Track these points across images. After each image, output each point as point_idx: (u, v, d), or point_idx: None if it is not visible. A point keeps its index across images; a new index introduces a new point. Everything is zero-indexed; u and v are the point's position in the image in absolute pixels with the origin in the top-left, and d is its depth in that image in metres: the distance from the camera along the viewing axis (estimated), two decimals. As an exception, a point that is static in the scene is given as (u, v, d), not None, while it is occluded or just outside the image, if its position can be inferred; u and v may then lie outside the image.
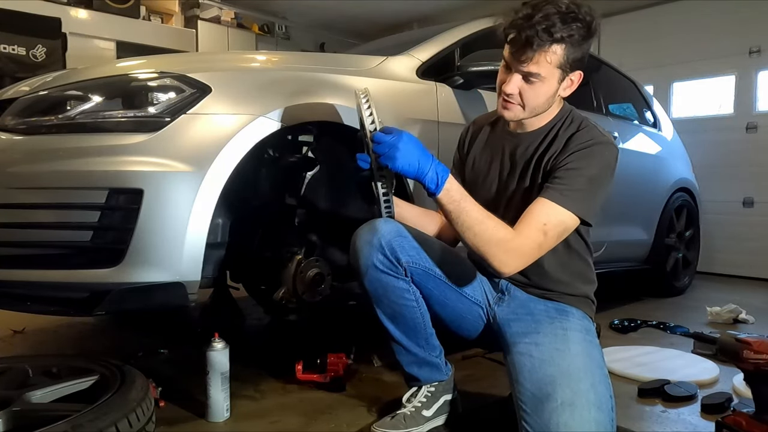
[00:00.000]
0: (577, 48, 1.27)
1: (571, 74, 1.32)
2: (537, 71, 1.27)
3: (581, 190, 1.27)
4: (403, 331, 1.43)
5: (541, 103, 1.34)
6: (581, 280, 1.47)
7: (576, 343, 1.29)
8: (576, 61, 1.29)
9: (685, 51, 4.77)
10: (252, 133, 1.55)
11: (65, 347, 2.38)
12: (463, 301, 1.45)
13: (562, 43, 1.25)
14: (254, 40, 6.27)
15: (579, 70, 1.32)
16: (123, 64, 1.71)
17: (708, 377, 1.97)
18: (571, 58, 1.27)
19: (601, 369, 1.26)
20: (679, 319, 2.89)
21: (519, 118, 1.38)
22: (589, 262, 1.50)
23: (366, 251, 1.33)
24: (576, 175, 1.28)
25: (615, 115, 3.32)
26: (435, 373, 1.50)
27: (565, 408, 1.13)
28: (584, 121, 1.39)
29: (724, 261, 4.57)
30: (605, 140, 1.34)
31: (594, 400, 1.15)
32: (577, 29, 1.25)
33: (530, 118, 1.39)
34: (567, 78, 1.32)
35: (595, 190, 1.29)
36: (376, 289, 1.38)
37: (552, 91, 1.32)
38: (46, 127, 1.49)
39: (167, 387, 1.66)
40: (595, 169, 1.29)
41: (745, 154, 4.48)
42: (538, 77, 1.28)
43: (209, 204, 1.47)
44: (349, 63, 1.97)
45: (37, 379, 1.36)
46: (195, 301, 1.51)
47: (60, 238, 1.44)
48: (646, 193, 3.34)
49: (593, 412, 1.13)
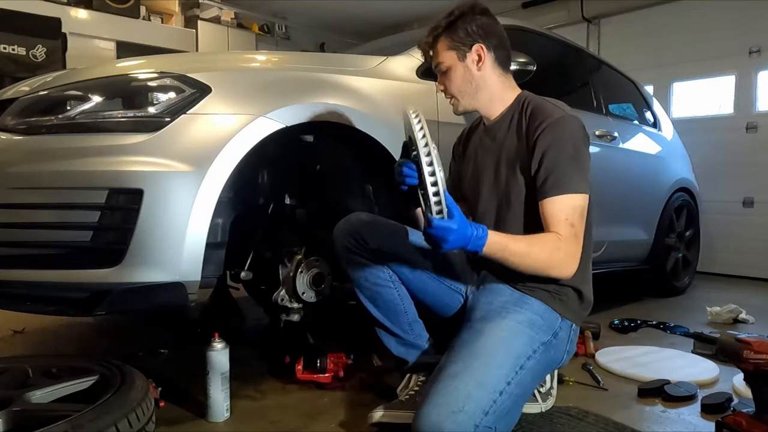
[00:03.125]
0: (456, 29, 1.46)
1: (470, 50, 1.46)
2: (440, 61, 1.50)
3: (569, 172, 1.34)
4: (385, 313, 1.57)
5: (461, 84, 1.49)
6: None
7: (502, 329, 1.32)
8: (464, 38, 1.46)
9: (685, 51, 4.77)
10: (252, 133, 1.55)
11: (65, 347, 2.38)
12: (442, 288, 1.55)
13: (441, 33, 1.48)
14: (254, 40, 6.27)
15: (475, 44, 1.46)
16: (123, 64, 1.71)
17: (708, 377, 1.97)
18: (456, 38, 1.46)
19: (512, 357, 1.27)
20: (679, 319, 2.89)
21: (464, 108, 1.53)
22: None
23: (339, 237, 1.54)
24: (557, 163, 1.35)
25: (615, 115, 3.32)
26: (423, 357, 1.57)
27: (447, 378, 1.21)
28: (537, 104, 1.45)
29: (724, 261, 4.57)
30: (561, 115, 1.39)
31: (479, 378, 1.20)
32: (447, 17, 1.48)
33: (474, 104, 1.51)
34: (467, 54, 1.46)
35: (579, 163, 1.36)
36: (354, 272, 1.55)
37: (462, 72, 1.48)
38: (46, 127, 1.49)
39: (167, 387, 1.66)
40: (569, 146, 1.36)
41: (745, 154, 4.48)
42: (444, 66, 1.49)
43: (209, 204, 1.47)
44: (349, 63, 1.97)
45: (37, 379, 1.36)
46: (195, 301, 1.51)
47: (60, 238, 1.44)
48: (646, 193, 3.34)
49: (470, 387, 1.18)
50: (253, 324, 2.66)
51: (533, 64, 2.07)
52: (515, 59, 2.04)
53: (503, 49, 1.50)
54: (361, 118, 1.80)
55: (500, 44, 1.49)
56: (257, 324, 2.67)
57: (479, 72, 1.47)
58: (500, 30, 1.51)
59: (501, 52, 1.50)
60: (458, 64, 1.48)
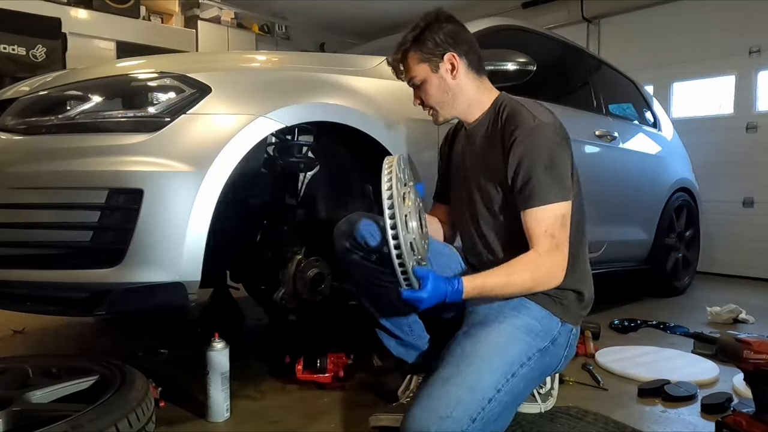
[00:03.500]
0: (425, 41, 1.44)
1: (441, 60, 1.44)
2: (412, 75, 1.48)
3: (545, 182, 1.32)
4: (384, 313, 1.56)
5: (438, 95, 1.47)
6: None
7: (497, 334, 1.32)
8: (433, 49, 1.44)
9: (685, 51, 4.77)
10: (252, 133, 1.55)
11: (65, 347, 2.38)
12: None
13: (410, 47, 1.46)
14: (254, 40, 6.27)
15: (446, 53, 1.44)
16: (123, 64, 1.71)
17: (708, 377, 1.97)
18: (425, 50, 1.44)
19: (505, 364, 1.27)
20: (679, 319, 2.89)
21: (444, 118, 1.52)
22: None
23: (339, 237, 1.52)
24: (531, 173, 1.33)
25: (615, 115, 3.32)
26: (422, 357, 1.57)
27: (439, 381, 1.23)
28: (512, 109, 1.43)
29: (724, 261, 4.57)
30: (535, 123, 1.36)
31: (470, 383, 1.21)
32: (413, 30, 1.46)
33: (453, 112, 1.50)
34: (440, 64, 1.44)
35: (555, 172, 1.33)
36: (354, 272, 1.53)
37: (438, 83, 1.46)
38: (46, 127, 1.49)
39: (167, 387, 1.66)
40: (544, 155, 1.33)
41: (745, 154, 4.47)
42: (418, 80, 1.47)
43: (209, 204, 1.47)
44: (348, 63, 1.97)
45: (37, 379, 1.36)
46: (195, 301, 1.51)
47: (60, 238, 1.44)
48: (646, 193, 3.34)
49: (461, 392, 1.19)
50: (253, 324, 2.66)
51: (533, 64, 2.07)
52: (515, 59, 2.05)
53: (474, 53, 1.49)
54: (361, 118, 1.81)
55: (471, 49, 1.48)
56: (257, 324, 2.67)
57: (454, 81, 1.46)
58: (468, 35, 1.50)
59: (473, 57, 1.48)
60: (432, 76, 1.46)
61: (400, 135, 1.90)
